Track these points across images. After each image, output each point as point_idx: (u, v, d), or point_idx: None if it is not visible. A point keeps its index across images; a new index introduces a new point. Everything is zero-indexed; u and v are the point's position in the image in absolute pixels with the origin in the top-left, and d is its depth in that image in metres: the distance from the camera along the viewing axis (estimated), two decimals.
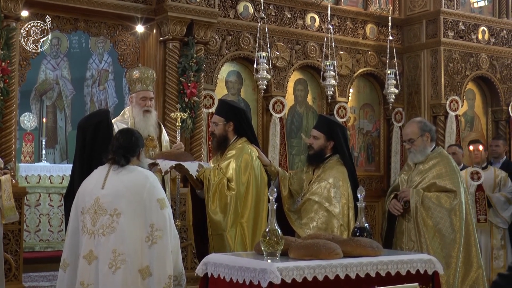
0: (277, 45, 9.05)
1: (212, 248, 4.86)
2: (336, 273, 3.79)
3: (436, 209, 4.99)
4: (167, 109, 7.78)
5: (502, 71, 10.44)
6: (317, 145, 5.24)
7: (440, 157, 5.20)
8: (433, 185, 5.09)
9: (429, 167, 5.16)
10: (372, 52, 9.91)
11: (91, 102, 12.95)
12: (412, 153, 5.27)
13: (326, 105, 9.55)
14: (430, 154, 5.20)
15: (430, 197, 5.01)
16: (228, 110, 5.19)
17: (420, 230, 4.99)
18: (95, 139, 4.75)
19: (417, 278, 3.97)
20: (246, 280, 3.72)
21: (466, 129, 10.32)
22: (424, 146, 5.21)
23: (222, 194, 4.88)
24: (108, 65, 12.85)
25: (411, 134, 5.24)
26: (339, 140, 5.28)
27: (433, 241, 4.95)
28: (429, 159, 5.19)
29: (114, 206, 4.08)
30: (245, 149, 5.06)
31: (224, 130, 5.11)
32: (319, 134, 5.26)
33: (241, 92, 9.01)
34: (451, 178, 5.08)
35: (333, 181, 5.13)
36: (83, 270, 4.09)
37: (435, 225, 4.97)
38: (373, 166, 10.08)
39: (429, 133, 5.23)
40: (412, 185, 5.15)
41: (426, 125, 5.31)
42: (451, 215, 4.98)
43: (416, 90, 10.03)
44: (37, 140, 11.23)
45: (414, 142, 5.20)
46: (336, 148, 5.27)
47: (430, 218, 4.98)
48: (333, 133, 5.27)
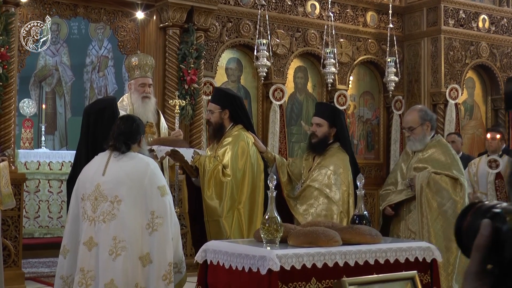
0: (277, 32, 9.03)
1: (208, 234, 4.87)
2: (335, 260, 3.80)
3: (443, 192, 4.99)
4: (167, 96, 7.78)
5: (502, 59, 10.42)
6: (321, 132, 5.20)
7: (439, 146, 5.18)
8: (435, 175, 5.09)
9: (428, 155, 5.15)
10: (373, 40, 9.89)
11: (90, 89, 12.93)
12: (411, 141, 5.24)
13: (326, 93, 9.54)
14: (429, 142, 5.18)
15: (437, 179, 5.01)
16: (224, 98, 5.18)
17: (423, 211, 4.99)
18: (98, 125, 4.74)
19: (415, 266, 3.99)
20: (245, 267, 3.73)
21: (465, 118, 10.32)
22: (424, 135, 5.18)
23: (217, 180, 4.89)
24: (107, 52, 12.82)
25: (412, 122, 5.21)
26: (342, 125, 5.27)
27: (436, 222, 4.95)
28: (428, 148, 5.17)
29: (115, 193, 4.09)
30: (241, 136, 5.05)
31: (220, 118, 5.10)
32: (322, 121, 5.22)
33: (241, 79, 9.00)
34: (453, 166, 5.08)
35: (333, 168, 5.13)
36: (83, 257, 4.11)
37: (439, 207, 4.97)
38: (372, 154, 10.08)
39: (429, 122, 5.20)
40: (412, 174, 5.15)
41: (427, 113, 5.27)
42: (456, 199, 4.99)
43: (416, 78, 10.03)
44: (36, 127, 11.23)
45: (414, 130, 5.17)
46: (337, 135, 5.26)
47: (435, 200, 4.99)
48: (336, 118, 5.25)
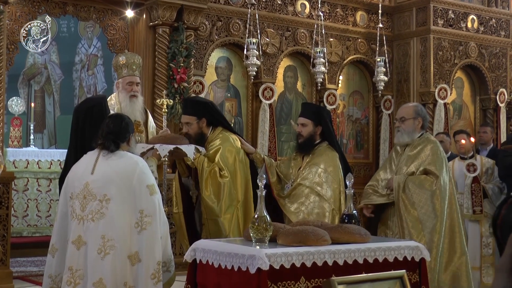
0: (267, 31, 9.03)
1: (208, 232, 4.87)
2: (324, 259, 3.81)
3: (419, 193, 5.01)
4: (156, 95, 7.76)
5: (490, 59, 10.48)
6: (306, 132, 5.24)
7: (427, 141, 5.21)
8: (420, 170, 5.11)
9: (417, 151, 5.18)
10: (362, 40, 9.92)
11: (80, 87, 12.89)
12: (400, 132, 5.28)
13: (316, 92, 9.56)
14: (417, 139, 5.21)
15: (413, 181, 5.03)
16: (198, 107, 5.15)
17: (402, 215, 5.02)
18: (87, 123, 4.72)
19: (404, 265, 4.00)
20: (234, 266, 3.73)
21: (454, 117, 10.37)
22: (413, 129, 5.21)
23: (214, 181, 4.89)
24: (97, 50, 12.78)
25: (405, 113, 5.25)
26: (327, 124, 5.30)
27: (415, 225, 4.98)
28: (416, 144, 5.20)
29: (104, 192, 4.07)
30: (226, 136, 5.06)
31: (198, 128, 5.09)
32: (307, 121, 5.26)
33: (230, 78, 9.00)
34: (433, 161, 5.10)
35: (324, 166, 5.14)
36: (72, 256, 4.09)
37: (417, 210, 4.99)
38: (361, 154, 10.11)
39: (422, 118, 5.23)
40: (401, 173, 5.16)
41: (422, 110, 5.32)
42: (433, 199, 5.01)
43: (406, 78, 10.06)
44: (25, 125, 11.17)
45: (405, 121, 5.20)
46: (324, 133, 5.28)
47: (412, 204, 5.01)
48: (321, 118, 5.28)
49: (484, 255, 7.12)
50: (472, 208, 6.98)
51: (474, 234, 7.16)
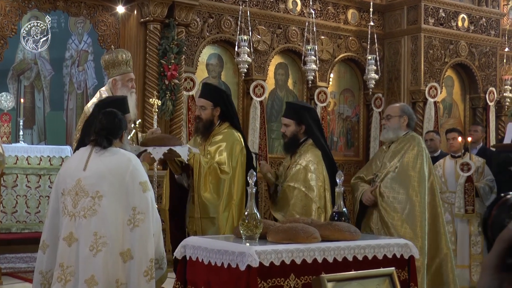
0: (258, 28, 9.03)
1: (198, 231, 4.86)
2: (314, 257, 3.82)
3: (397, 197, 5.06)
4: (147, 91, 7.75)
5: (480, 58, 10.52)
6: (289, 132, 5.28)
7: (412, 139, 5.28)
8: (400, 168, 5.15)
9: (400, 147, 5.24)
10: (353, 38, 9.93)
11: (70, 83, 12.84)
12: (385, 129, 5.39)
13: (307, 90, 9.57)
14: (402, 137, 5.28)
15: (388, 197, 5.09)
16: (216, 94, 5.16)
17: (385, 220, 5.06)
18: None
19: (393, 262, 4.02)
20: (224, 263, 3.74)
21: (444, 116, 10.41)
22: (399, 127, 5.29)
23: (214, 177, 4.88)
24: (87, 46, 12.73)
25: (391, 111, 5.36)
26: (309, 123, 5.33)
27: (399, 226, 5.02)
28: (401, 141, 5.27)
29: (96, 189, 4.06)
30: (234, 135, 5.06)
31: (211, 115, 5.09)
32: (289, 121, 5.30)
33: (221, 75, 8.99)
34: (414, 164, 5.15)
35: (306, 164, 5.17)
36: (63, 252, 4.08)
37: (399, 212, 5.04)
38: (352, 151, 10.13)
39: (407, 116, 5.31)
40: (385, 168, 5.21)
41: (408, 109, 5.40)
42: (412, 199, 5.06)
43: (396, 76, 10.08)
44: (14, 121, 11.13)
45: (391, 119, 5.30)
46: (307, 132, 5.31)
47: (394, 208, 5.05)
48: (302, 117, 5.31)
49: (473, 253, 7.16)
50: (465, 207, 7.01)
51: (463, 233, 7.19)
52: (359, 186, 5.33)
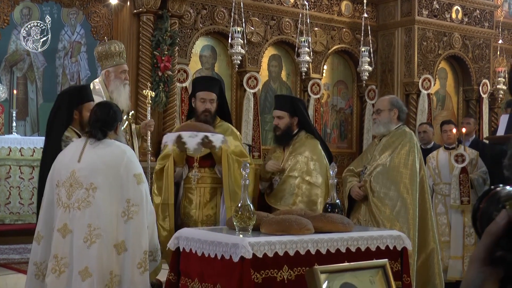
0: (252, 20, 9.01)
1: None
2: (307, 248, 3.83)
3: (387, 191, 5.07)
4: (141, 83, 7.74)
5: (474, 50, 10.53)
6: (283, 124, 5.25)
7: (403, 134, 5.25)
8: (391, 164, 5.14)
9: (392, 141, 5.23)
10: (347, 29, 9.93)
11: (63, 74, 12.78)
12: (376, 124, 5.35)
13: (300, 82, 9.56)
14: (393, 131, 5.25)
15: (378, 192, 5.09)
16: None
17: (375, 214, 5.07)
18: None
19: (386, 254, 4.03)
20: (217, 255, 3.74)
21: (437, 108, 10.42)
22: (389, 121, 5.25)
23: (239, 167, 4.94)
24: (80, 37, 12.67)
25: (380, 105, 5.33)
26: (303, 114, 5.33)
27: (389, 219, 5.02)
28: (392, 135, 5.24)
29: (90, 180, 4.06)
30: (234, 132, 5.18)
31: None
32: (282, 113, 5.28)
33: (215, 67, 8.98)
34: (406, 161, 5.14)
35: (309, 154, 5.17)
36: (57, 244, 4.08)
37: (389, 206, 5.04)
38: (345, 143, 10.14)
39: (398, 110, 5.27)
40: (375, 161, 5.21)
41: (398, 102, 5.36)
42: (403, 193, 5.05)
43: (390, 68, 10.09)
44: (7, 112, 11.08)
45: (381, 113, 5.26)
46: (300, 123, 5.31)
47: (384, 203, 5.05)
48: (296, 108, 5.31)
49: (467, 244, 7.18)
50: (460, 199, 7.03)
51: (457, 224, 7.22)
52: (347, 182, 5.31)
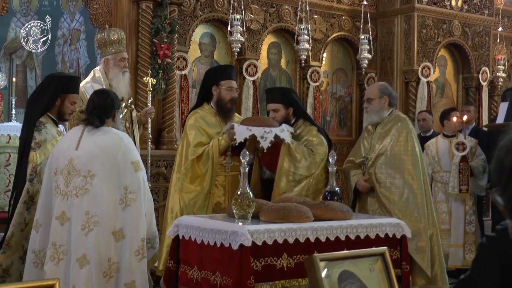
0: (251, 7, 8.98)
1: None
2: (307, 236, 3.84)
3: (393, 183, 5.08)
4: (140, 71, 7.72)
5: (474, 38, 10.50)
6: (280, 116, 5.24)
7: (397, 119, 5.26)
8: (392, 153, 5.14)
9: (387, 128, 5.23)
10: (346, 17, 9.90)
11: (62, 62, 12.75)
12: (368, 113, 5.38)
13: (300, 69, 9.55)
14: (386, 117, 5.27)
15: (385, 183, 5.09)
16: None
17: (385, 205, 5.08)
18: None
19: (386, 242, 4.05)
20: (217, 242, 3.75)
21: (437, 96, 10.41)
22: (381, 108, 5.27)
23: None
24: (79, 25, 12.63)
25: (371, 94, 5.35)
26: (297, 103, 5.34)
27: (399, 210, 5.03)
28: (387, 122, 5.26)
29: (88, 168, 4.06)
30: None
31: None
32: (277, 105, 5.27)
33: (214, 54, 8.96)
34: (406, 147, 5.14)
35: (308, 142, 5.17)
36: (56, 231, 4.09)
37: (397, 196, 5.05)
38: (345, 131, 10.14)
39: (388, 96, 5.29)
40: (375, 151, 5.21)
41: (387, 88, 5.38)
42: (409, 182, 5.06)
43: (389, 56, 10.07)
44: (6, 100, 11.07)
45: (372, 101, 5.29)
46: (296, 112, 5.31)
47: (392, 193, 5.06)
48: (290, 98, 5.31)
49: (467, 232, 7.21)
50: (459, 187, 7.04)
51: (458, 212, 7.23)
52: (351, 175, 5.31)
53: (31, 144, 4.67)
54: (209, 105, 5.19)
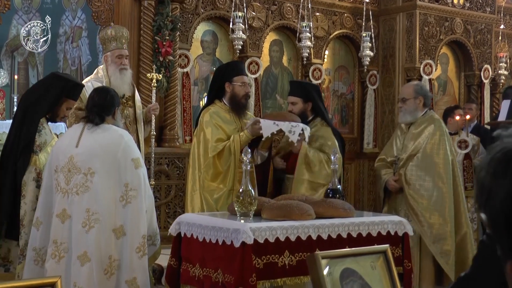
0: (253, 5, 8.97)
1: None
2: (308, 233, 3.84)
3: (423, 184, 5.09)
4: (142, 68, 7.72)
5: (475, 35, 10.49)
6: (297, 109, 5.23)
7: (431, 120, 5.28)
8: (424, 155, 5.16)
9: (421, 129, 5.25)
10: (348, 14, 9.88)
11: (64, 60, 12.74)
12: (402, 112, 5.37)
13: (301, 67, 9.54)
14: (420, 117, 5.28)
15: (414, 185, 5.10)
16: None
17: (412, 205, 5.09)
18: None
19: (387, 239, 4.04)
20: (219, 240, 3.75)
21: (439, 93, 10.40)
22: (415, 108, 5.29)
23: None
24: (81, 22, 12.60)
25: (406, 94, 5.35)
26: (316, 99, 5.32)
27: (426, 210, 5.05)
28: (420, 123, 5.27)
29: (88, 165, 4.07)
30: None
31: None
32: (296, 99, 5.27)
33: (216, 52, 8.95)
34: (438, 149, 5.17)
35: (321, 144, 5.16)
36: (56, 229, 4.09)
37: (426, 198, 5.07)
38: (347, 129, 10.13)
39: (423, 97, 5.31)
40: (407, 151, 5.24)
41: (422, 88, 5.40)
42: (438, 183, 5.09)
43: (391, 53, 10.05)
44: (8, 97, 11.07)
45: (406, 101, 5.29)
46: (314, 109, 5.31)
47: (421, 195, 5.08)
48: (309, 94, 5.30)
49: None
50: (464, 184, 7.05)
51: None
52: (382, 174, 5.35)
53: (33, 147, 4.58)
54: (222, 102, 5.10)
